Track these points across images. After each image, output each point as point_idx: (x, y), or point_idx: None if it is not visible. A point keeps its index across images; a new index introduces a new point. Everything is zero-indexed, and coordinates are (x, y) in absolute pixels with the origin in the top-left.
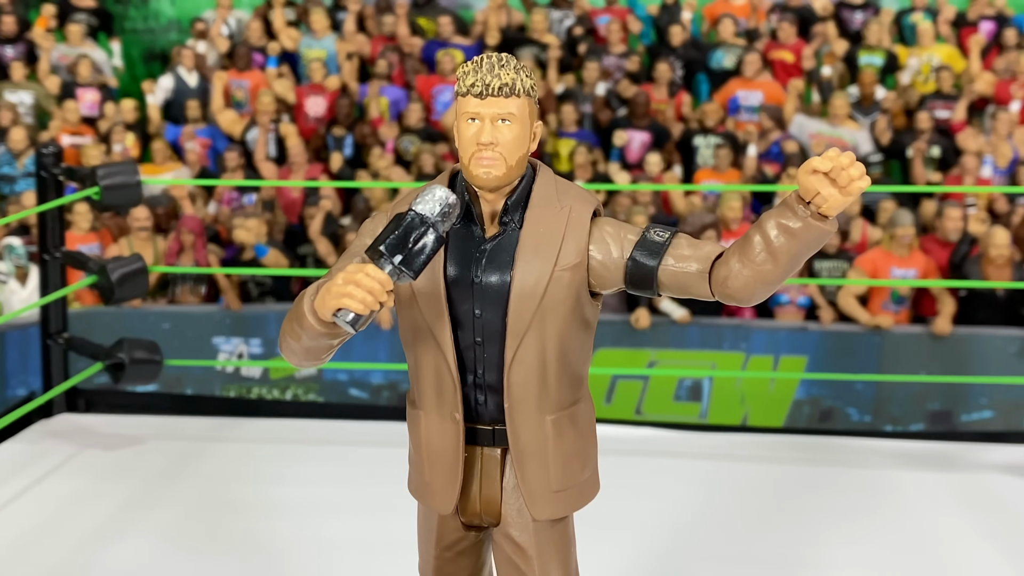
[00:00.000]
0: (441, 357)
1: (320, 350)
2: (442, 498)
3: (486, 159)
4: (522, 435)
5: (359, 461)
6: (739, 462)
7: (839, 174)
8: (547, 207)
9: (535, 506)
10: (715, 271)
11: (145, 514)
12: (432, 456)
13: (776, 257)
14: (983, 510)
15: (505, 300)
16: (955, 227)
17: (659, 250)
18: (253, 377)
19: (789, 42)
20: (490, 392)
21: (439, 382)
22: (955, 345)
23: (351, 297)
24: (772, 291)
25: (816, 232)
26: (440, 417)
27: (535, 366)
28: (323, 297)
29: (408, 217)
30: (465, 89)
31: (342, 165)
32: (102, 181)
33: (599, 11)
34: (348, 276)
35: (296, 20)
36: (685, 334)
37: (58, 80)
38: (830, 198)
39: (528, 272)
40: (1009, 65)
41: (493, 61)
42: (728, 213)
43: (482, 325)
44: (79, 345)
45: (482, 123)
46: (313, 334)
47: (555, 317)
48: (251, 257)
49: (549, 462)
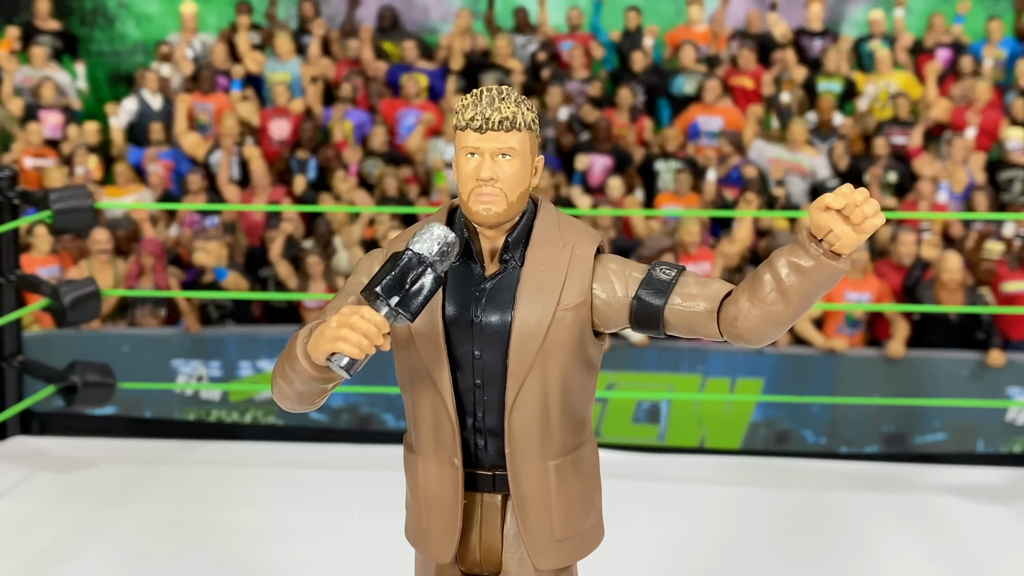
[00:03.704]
0: (439, 400)
1: (313, 394)
2: (440, 546)
3: (486, 195)
4: (523, 481)
5: (316, 483)
6: (696, 484)
7: (852, 211)
8: (549, 244)
9: (537, 556)
10: (724, 311)
11: (96, 537)
12: (430, 503)
13: (787, 297)
14: (929, 531)
15: (506, 341)
16: (908, 252)
17: (665, 288)
18: (212, 400)
19: (749, 68)
20: (490, 436)
21: (437, 426)
22: (909, 368)
23: (346, 341)
24: (783, 332)
25: (829, 271)
26: (438, 462)
27: (537, 409)
28: (316, 340)
29: (405, 257)
30: (464, 123)
31: (306, 188)
32: (54, 205)
33: (562, 37)
34: (342, 319)
35: (261, 44)
36: (643, 356)
37: (21, 102)
38: (843, 236)
39: (530, 312)
40: (965, 92)
41: (493, 94)
42: (687, 237)
43: (482, 367)
44: (33, 368)
45: (482, 158)
46: (306, 378)
47: (558, 358)
48: (211, 280)
49: (552, 509)
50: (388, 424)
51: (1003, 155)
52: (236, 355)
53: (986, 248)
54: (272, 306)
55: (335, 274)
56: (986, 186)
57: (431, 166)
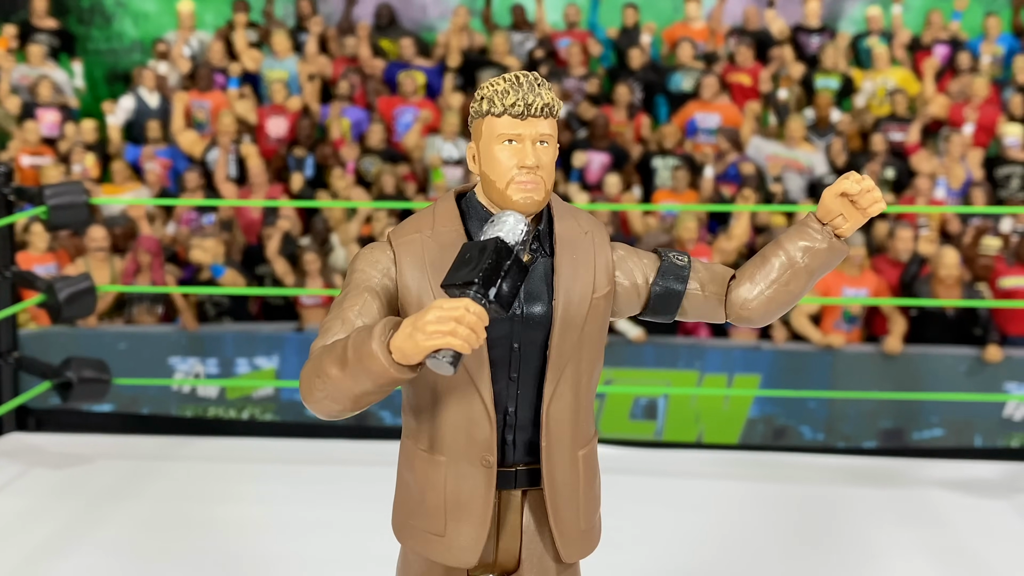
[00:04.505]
0: (477, 399)
1: (376, 396)
2: (465, 549)
3: (529, 183)
4: (557, 473)
5: (313, 479)
6: (694, 479)
7: (863, 196)
8: (573, 232)
9: (566, 547)
10: (731, 294)
11: (90, 532)
12: (456, 505)
13: (799, 277)
14: (927, 526)
15: (546, 331)
16: (905, 247)
17: (684, 274)
18: (210, 397)
19: (746, 65)
20: (520, 431)
21: (470, 425)
22: (906, 364)
23: (454, 335)
24: (783, 312)
25: (838, 250)
26: (469, 463)
27: (571, 399)
28: (412, 337)
29: (492, 246)
30: (502, 108)
31: (303, 186)
32: (49, 201)
33: (560, 34)
34: (445, 313)
35: (258, 41)
36: (641, 353)
37: (18, 100)
38: (852, 218)
39: (570, 300)
40: (963, 88)
41: (531, 79)
42: (684, 234)
43: (519, 360)
44: (29, 364)
45: (522, 144)
46: (385, 379)
47: (591, 346)
48: (208, 277)
49: (580, 499)
50: (385, 421)
51: (1001, 151)
52: (233, 352)
53: (983, 244)
54: (269, 303)
55: (332, 271)
56: (984, 182)
57: (428, 163)
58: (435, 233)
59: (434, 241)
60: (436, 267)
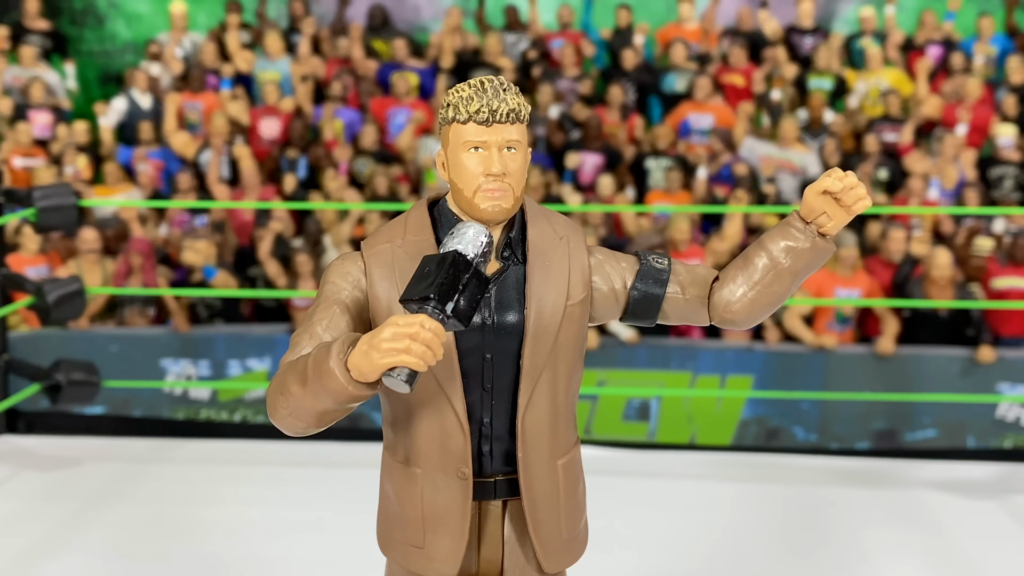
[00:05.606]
0: (449, 410)
1: (339, 414)
2: (444, 561)
3: (496, 191)
4: (535, 483)
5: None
6: (687, 480)
7: (847, 193)
8: (546, 239)
9: (547, 558)
10: (714, 296)
11: (80, 535)
12: (433, 517)
13: (782, 278)
14: (919, 527)
15: (519, 340)
16: (898, 248)
17: (663, 278)
18: (202, 399)
19: (740, 66)
20: (496, 441)
21: (444, 437)
22: (899, 365)
23: (409, 353)
24: (769, 314)
25: (823, 251)
26: (444, 474)
27: (548, 408)
28: (367, 355)
29: (451, 260)
30: (467, 115)
31: (296, 187)
32: (38, 203)
33: (553, 35)
34: (400, 330)
35: (251, 42)
36: (633, 354)
37: (10, 102)
38: (836, 216)
39: (542, 309)
40: (956, 89)
41: (496, 85)
42: (677, 235)
43: (492, 370)
44: (18, 366)
45: (488, 152)
46: (344, 397)
47: (566, 354)
48: (200, 279)
49: (561, 509)
50: (377, 423)
51: (994, 152)
52: (225, 354)
53: (976, 244)
54: (261, 305)
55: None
56: (977, 183)
57: (421, 165)
58: (406, 243)
59: (404, 251)
60: (406, 277)
